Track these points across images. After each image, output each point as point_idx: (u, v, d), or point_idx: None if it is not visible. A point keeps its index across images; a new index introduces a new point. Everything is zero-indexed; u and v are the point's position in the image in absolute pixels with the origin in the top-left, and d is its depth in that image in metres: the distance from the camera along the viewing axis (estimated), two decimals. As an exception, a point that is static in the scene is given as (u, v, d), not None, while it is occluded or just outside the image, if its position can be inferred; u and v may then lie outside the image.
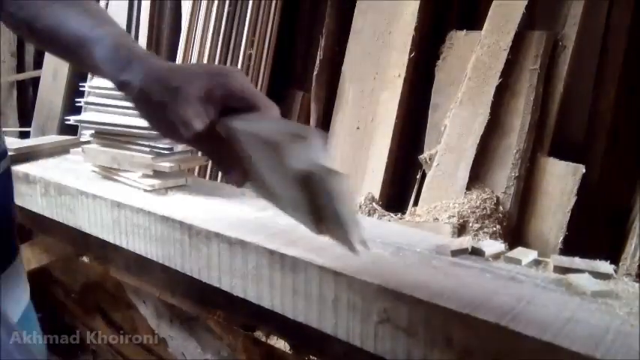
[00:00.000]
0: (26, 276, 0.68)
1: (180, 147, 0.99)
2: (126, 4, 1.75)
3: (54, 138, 1.47)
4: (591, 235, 1.02)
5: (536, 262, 0.76)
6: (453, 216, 0.96)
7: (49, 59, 1.86)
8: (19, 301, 0.66)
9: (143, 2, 1.68)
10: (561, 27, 1.07)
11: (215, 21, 1.40)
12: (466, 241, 0.79)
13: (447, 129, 1.08)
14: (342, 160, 1.23)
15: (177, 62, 1.50)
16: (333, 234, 0.56)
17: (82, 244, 1.13)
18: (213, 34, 1.40)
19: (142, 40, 1.73)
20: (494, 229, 0.96)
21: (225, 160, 0.56)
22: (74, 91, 1.74)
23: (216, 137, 0.54)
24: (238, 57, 1.38)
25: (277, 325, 0.85)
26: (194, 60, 1.44)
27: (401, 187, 1.21)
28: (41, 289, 1.54)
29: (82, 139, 1.29)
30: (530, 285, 0.67)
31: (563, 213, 0.95)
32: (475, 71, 1.07)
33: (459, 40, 1.15)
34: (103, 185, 1.05)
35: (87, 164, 1.13)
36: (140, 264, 1.04)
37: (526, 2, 1.05)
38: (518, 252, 0.78)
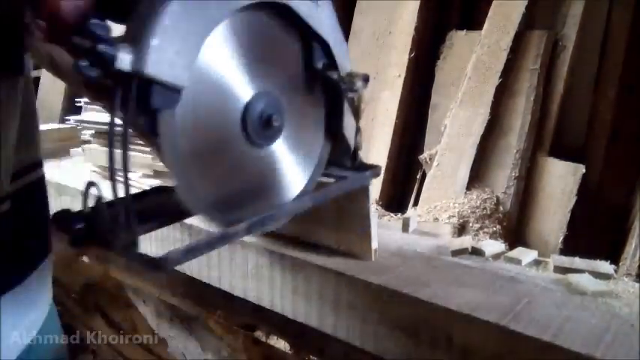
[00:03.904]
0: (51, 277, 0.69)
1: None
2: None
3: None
4: (591, 235, 1.02)
5: (537, 262, 0.76)
6: (453, 216, 0.96)
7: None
8: (48, 297, 0.68)
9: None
10: (561, 27, 1.07)
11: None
12: (466, 241, 0.79)
13: (447, 129, 1.08)
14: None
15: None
16: None
17: (81, 244, 1.13)
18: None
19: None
20: (495, 229, 0.96)
21: None
22: (74, 91, 1.73)
23: None
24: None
25: (277, 325, 0.85)
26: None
27: (401, 187, 1.20)
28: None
29: (81, 139, 1.29)
30: (530, 285, 0.67)
31: (564, 213, 0.95)
32: (475, 71, 1.06)
33: (459, 39, 1.15)
34: (104, 185, 1.04)
35: (87, 164, 1.13)
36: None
37: (526, 2, 1.05)
38: (519, 252, 0.78)
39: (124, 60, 0.37)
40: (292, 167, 0.57)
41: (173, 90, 0.40)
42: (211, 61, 0.44)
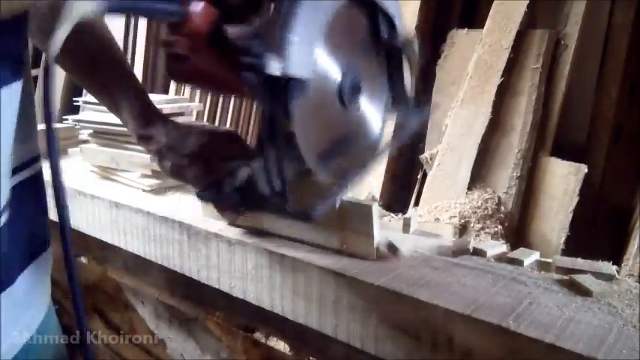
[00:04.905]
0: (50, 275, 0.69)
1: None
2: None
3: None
4: (593, 235, 1.02)
5: (539, 263, 0.75)
6: (455, 216, 0.96)
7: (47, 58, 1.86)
8: (46, 295, 0.68)
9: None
10: (563, 26, 1.06)
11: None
12: (467, 242, 0.79)
13: (448, 128, 1.07)
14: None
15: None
16: None
17: (80, 244, 1.13)
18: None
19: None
20: (496, 229, 0.96)
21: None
22: (72, 90, 1.73)
23: None
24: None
25: (277, 327, 0.84)
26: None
27: (402, 188, 1.20)
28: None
29: (79, 139, 1.28)
30: (532, 286, 0.67)
31: (566, 213, 0.95)
32: (476, 70, 1.06)
33: (460, 38, 1.15)
34: (102, 185, 1.04)
35: (85, 164, 1.13)
36: (139, 264, 1.04)
37: (527, 1, 1.04)
38: (520, 252, 0.77)
39: (274, 67, 0.47)
40: (370, 120, 0.68)
41: (304, 82, 0.50)
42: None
